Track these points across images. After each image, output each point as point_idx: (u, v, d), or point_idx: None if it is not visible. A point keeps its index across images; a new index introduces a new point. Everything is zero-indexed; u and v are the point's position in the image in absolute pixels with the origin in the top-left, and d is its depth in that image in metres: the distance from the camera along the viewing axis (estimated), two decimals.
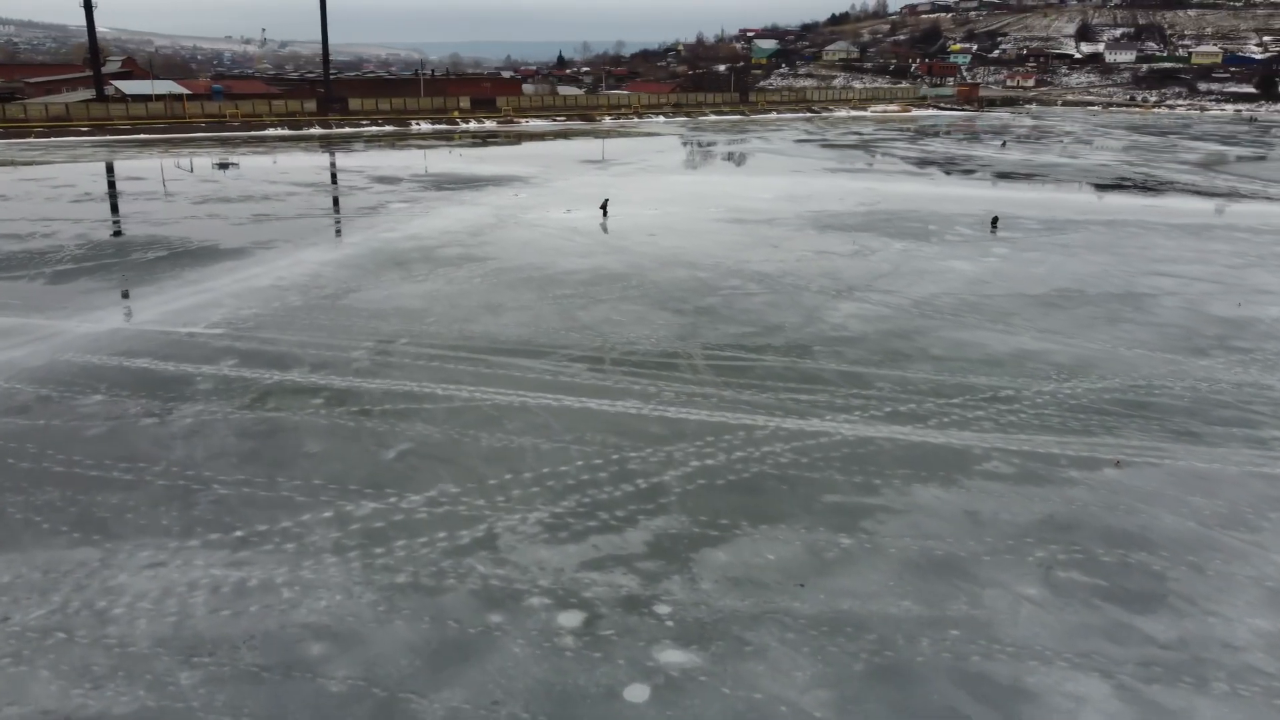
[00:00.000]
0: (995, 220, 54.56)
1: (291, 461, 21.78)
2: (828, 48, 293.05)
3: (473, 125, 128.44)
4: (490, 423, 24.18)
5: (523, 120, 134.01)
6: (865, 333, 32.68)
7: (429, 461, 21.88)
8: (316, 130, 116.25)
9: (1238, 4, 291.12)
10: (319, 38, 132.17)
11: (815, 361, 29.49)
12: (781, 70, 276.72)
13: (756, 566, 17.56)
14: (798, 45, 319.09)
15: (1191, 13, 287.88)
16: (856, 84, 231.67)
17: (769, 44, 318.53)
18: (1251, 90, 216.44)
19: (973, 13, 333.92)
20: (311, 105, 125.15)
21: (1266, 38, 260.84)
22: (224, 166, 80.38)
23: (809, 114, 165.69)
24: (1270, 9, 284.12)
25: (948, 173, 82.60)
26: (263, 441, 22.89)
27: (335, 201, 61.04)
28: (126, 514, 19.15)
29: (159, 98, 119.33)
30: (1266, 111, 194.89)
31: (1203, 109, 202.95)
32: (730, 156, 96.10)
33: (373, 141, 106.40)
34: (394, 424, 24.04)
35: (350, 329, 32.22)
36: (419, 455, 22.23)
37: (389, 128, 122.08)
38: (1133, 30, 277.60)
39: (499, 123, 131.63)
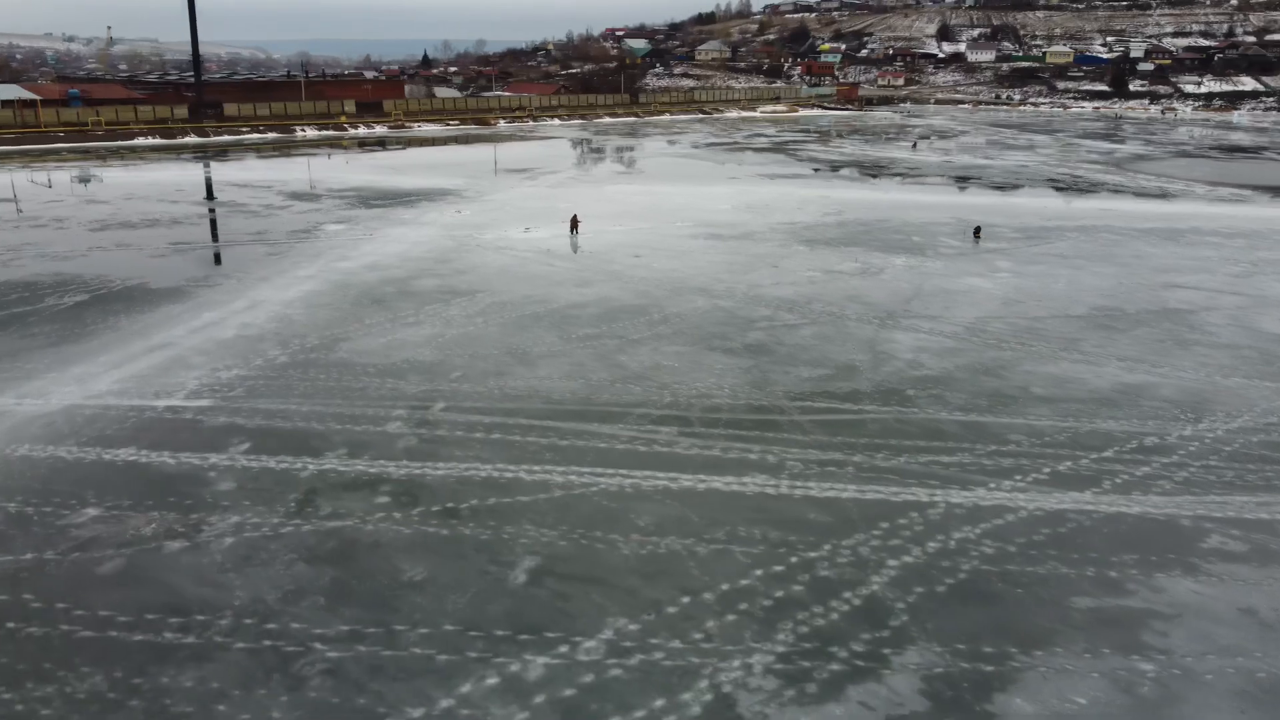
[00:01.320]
0: (978, 230, 52.91)
1: (398, 597, 16.87)
2: (700, 47, 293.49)
3: (362, 131, 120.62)
4: (614, 519, 19.76)
5: (414, 125, 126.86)
6: (947, 370, 29.64)
7: (575, 584, 17.35)
8: (192, 139, 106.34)
9: (1080, 5, 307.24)
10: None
11: (922, 410, 26.20)
12: (656, 70, 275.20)
13: (1076, 718, 13.95)
14: (669, 45, 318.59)
15: (1040, 14, 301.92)
16: (734, 84, 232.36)
17: (640, 43, 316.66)
18: (1105, 88, 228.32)
19: (835, 13, 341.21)
20: (183, 111, 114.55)
21: (1110, 38, 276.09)
22: (84, 182, 71.39)
23: (701, 115, 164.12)
24: (1110, 10, 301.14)
25: (881, 177, 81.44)
26: (344, 568, 17.81)
27: (260, 224, 54.16)
28: (215, 703, 13.99)
29: (5, 104, 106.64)
30: (1122, 108, 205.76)
31: (1065, 106, 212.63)
32: (656, 163, 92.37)
33: (262, 151, 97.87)
34: (497, 528, 19.31)
35: (366, 393, 26.95)
36: (556, 575, 17.66)
37: (272, 135, 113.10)
38: (989, 31, 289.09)
39: (390, 127, 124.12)
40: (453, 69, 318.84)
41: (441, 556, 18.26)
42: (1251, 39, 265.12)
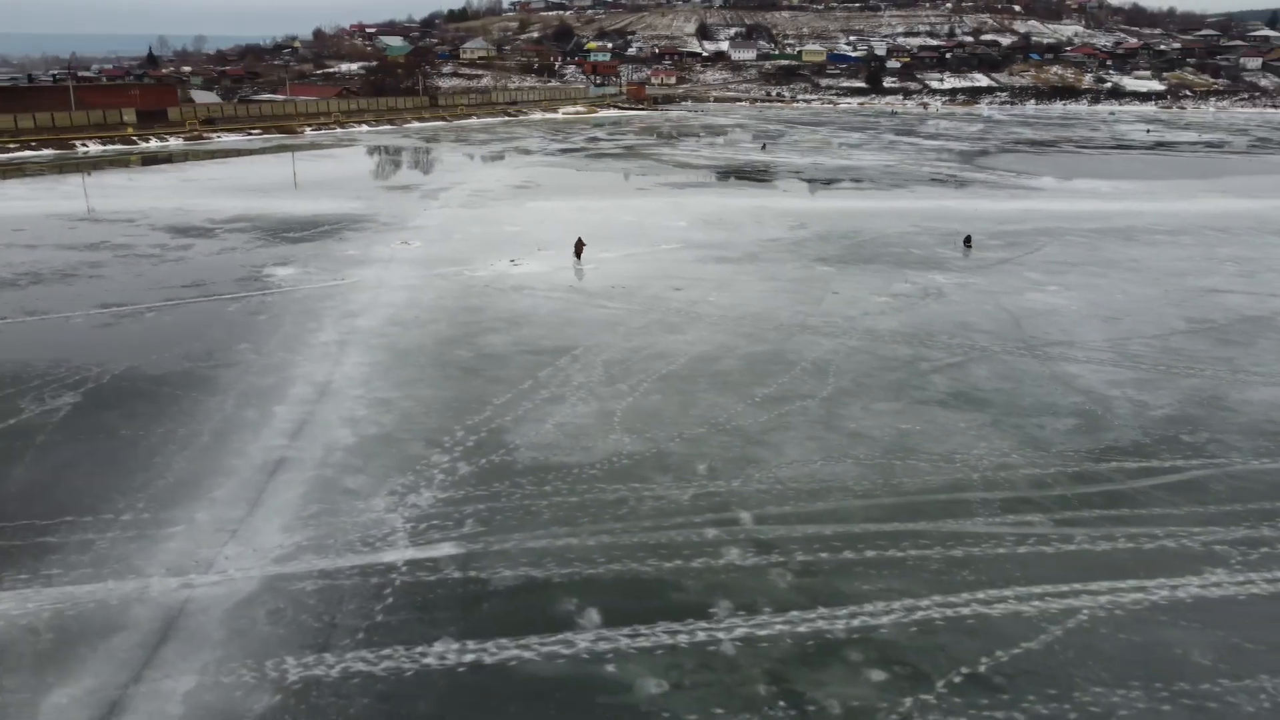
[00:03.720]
0: (968, 239, 52.65)
1: None
2: (465, 45, 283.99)
3: (155, 144, 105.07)
4: (1167, 661, 16.14)
5: (214, 135, 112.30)
6: (1178, 407, 28.07)
7: None
8: None
9: (819, 6, 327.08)
10: None
11: (1230, 461, 24.42)
12: (424, 70, 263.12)
13: None
14: (427, 43, 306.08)
15: (786, 14, 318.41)
16: (515, 83, 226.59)
17: (395, 41, 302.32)
18: (862, 84, 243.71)
19: (591, 10, 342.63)
20: None
21: (852, 37, 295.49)
22: None
23: (507, 117, 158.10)
24: (847, 11, 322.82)
25: (784, 183, 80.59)
26: None
27: (183, 272, 44.07)
28: None
29: None
30: (883, 104, 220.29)
31: (834, 104, 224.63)
32: (541, 174, 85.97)
33: (52, 172, 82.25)
34: (1069, 699, 15.12)
35: (632, 507, 21.36)
36: None
37: (48, 152, 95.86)
38: (745, 30, 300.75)
39: (186, 139, 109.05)
40: (186, 68, 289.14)
41: None
42: (970, 39, 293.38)
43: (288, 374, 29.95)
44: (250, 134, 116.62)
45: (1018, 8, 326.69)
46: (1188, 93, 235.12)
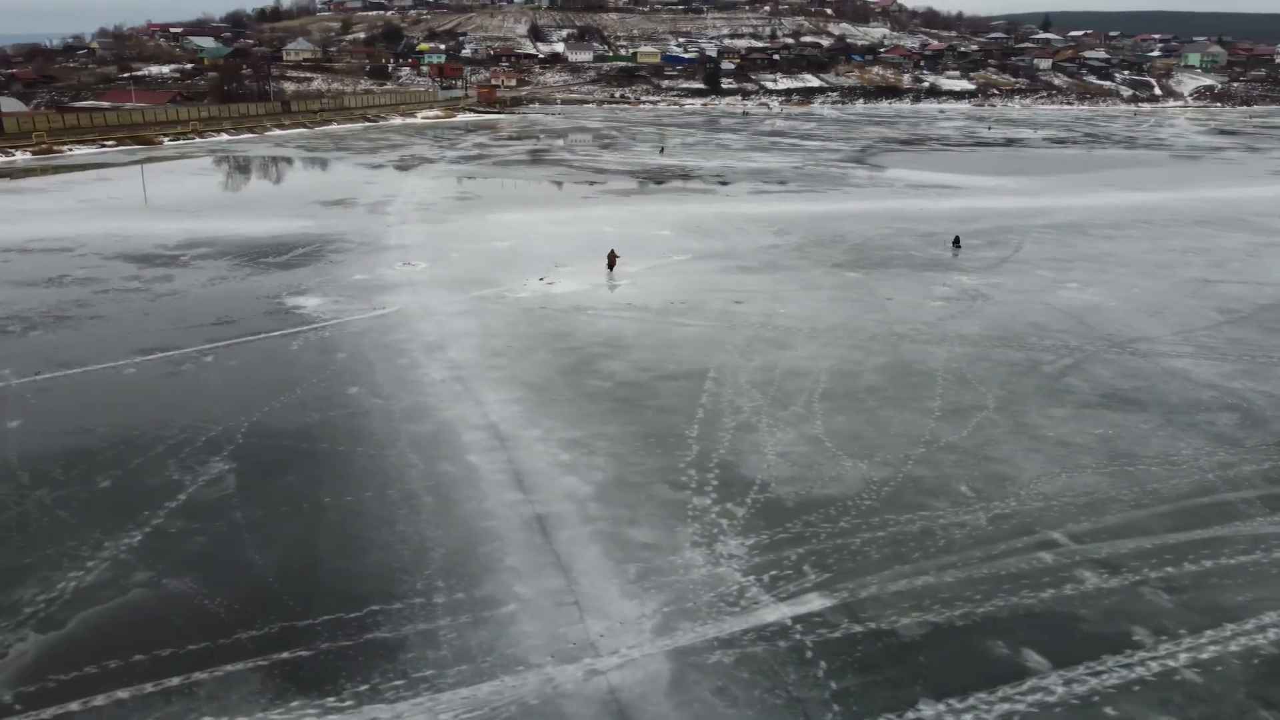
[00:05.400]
0: (957, 240, 54.89)
1: None
2: (288, 47, 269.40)
3: (1, 159, 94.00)
4: None
5: (65, 149, 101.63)
6: None
7: None
8: None
9: (645, 9, 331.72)
10: None
11: None
12: (246, 72, 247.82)
13: None
14: (243, 44, 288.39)
15: (614, 15, 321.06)
16: (351, 87, 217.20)
17: (207, 42, 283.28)
18: (701, 86, 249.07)
19: (414, 10, 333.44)
20: None
21: (682, 39, 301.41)
22: None
23: (367, 122, 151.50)
24: (672, 14, 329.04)
25: (727, 187, 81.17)
26: None
27: (193, 307, 39.57)
28: None
29: None
30: (724, 104, 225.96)
31: (678, 104, 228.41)
32: (482, 186, 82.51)
33: None
34: None
35: (941, 535, 21.05)
36: None
37: None
38: (576, 31, 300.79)
39: (34, 153, 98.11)
40: None
41: None
42: (791, 40, 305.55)
43: (436, 419, 27.55)
44: (104, 145, 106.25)
45: (829, 11, 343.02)
46: (995, 91, 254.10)
